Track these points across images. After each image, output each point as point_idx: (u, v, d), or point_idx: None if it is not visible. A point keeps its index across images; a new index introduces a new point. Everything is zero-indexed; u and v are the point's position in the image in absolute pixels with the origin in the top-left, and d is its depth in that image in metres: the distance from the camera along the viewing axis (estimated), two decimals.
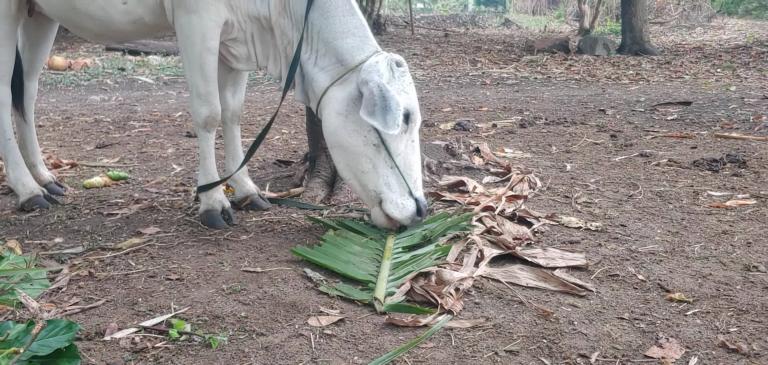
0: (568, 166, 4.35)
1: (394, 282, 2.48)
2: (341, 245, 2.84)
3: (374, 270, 2.62)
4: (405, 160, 2.91)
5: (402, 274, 2.53)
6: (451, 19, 27.05)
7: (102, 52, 13.15)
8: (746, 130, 5.43)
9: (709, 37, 17.88)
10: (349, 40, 2.93)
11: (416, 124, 2.93)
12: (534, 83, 9.73)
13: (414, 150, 2.95)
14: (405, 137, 2.90)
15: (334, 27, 2.93)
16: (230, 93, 3.45)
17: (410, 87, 2.91)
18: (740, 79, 9.50)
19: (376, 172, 2.90)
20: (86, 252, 2.86)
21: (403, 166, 2.90)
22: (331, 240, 2.88)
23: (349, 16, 2.96)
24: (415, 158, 2.95)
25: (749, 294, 2.36)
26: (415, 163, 2.95)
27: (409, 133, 2.91)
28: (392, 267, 2.62)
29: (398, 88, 2.83)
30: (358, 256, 2.74)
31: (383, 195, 2.91)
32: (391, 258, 2.71)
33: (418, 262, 2.63)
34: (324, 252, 2.75)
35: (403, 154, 2.90)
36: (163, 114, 7.10)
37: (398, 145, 2.88)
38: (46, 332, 1.82)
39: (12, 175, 3.57)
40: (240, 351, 2.00)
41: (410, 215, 2.91)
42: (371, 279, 2.52)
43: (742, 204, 3.40)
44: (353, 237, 2.95)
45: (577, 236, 2.97)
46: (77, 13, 3.22)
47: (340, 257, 2.71)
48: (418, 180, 2.95)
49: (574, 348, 2.01)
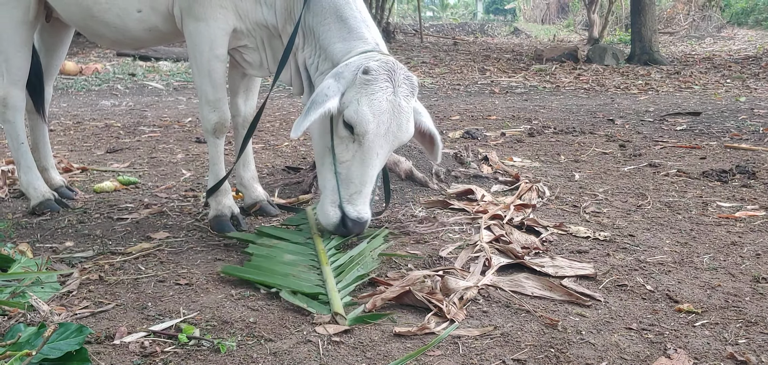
0: (576, 175, 4.35)
1: (345, 290, 2.41)
2: (272, 256, 2.73)
3: (317, 278, 2.52)
4: (347, 169, 2.78)
5: (351, 280, 2.48)
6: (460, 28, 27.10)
7: (113, 57, 13.24)
8: (756, 141, 5.41)
9: (719, 48, 17.83)
10: (341, 44, 2.87)
11: (367, 138, 2.71)
12: (543, 92, 9.73)
13: (362, 163, 2.76)
14: (352, 147, 2.75)
15: (329, 33, 2.90)
16: (242, 99, 3.48)
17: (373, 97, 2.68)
18: (750, 90, 9.46)
19: (323, 171, 2.90)
20: (96, 256, 2.88)
21: (344, 175, 2.79)
22: (259, 252, 2.77)
23: (341, 21, 2.88)
24: (359, 172, 2.77)
25: (758, 306, 2.35)
26: (359, 177, 2.77)
27: (359, 144, 2.74)
28: (335, 273, 2.55)
29: (351, 97, 2.69)
30: (293, 266, 2.62)
31: (321, 195, 2.92)
32: (328, 263, 2.63)
33: (361, 264, 2.60)
34: (257, 268, 2.60)
35: (347, 163, 2.78)
36: (173, 119, 7.14)
37: (343, 153, 2.78)
38: (57, 335, 1.84)
39: (24, 178, 3.60)
40: (248, 357, 2.01)
41: (330, 224, 2.83)
42: (320, 290, 2.41)
43: (751, 216, 3.39)
44: (280, 245, 2.87)
45: (586, 246, 2.97)
46: (95, 21, 3.26)
47: (276, 270, 2.58)
48: (355, 194, 2.79)
49: (581, 358, 2.01)
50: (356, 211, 2.80)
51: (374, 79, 2.68)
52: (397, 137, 2.80)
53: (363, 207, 2.82)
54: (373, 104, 2.68)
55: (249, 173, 3.52)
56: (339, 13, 2.89)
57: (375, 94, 2.68)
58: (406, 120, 2.80)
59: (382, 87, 2.70)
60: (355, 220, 2.80)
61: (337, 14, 2.89)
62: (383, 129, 2.73)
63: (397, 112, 2.75)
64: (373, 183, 2.85)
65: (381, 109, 2.69)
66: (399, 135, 2.79)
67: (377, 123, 2.70)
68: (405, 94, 2.77)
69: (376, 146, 2.74)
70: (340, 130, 2.76)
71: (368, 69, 2.68)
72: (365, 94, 2.67)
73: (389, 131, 2.75)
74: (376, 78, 2.69)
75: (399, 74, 2.75)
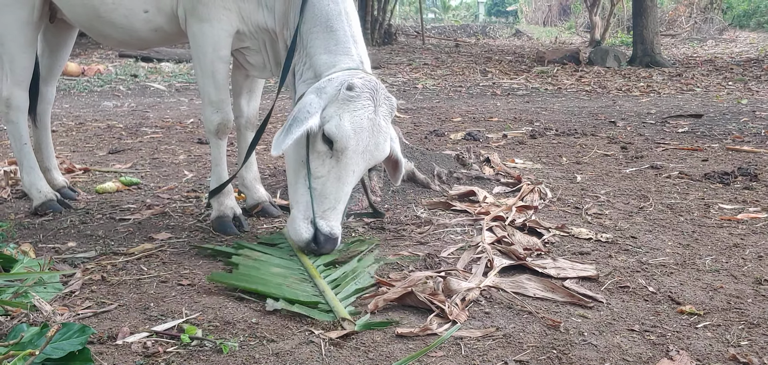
0: (578, 177, 4.35)
1: (346, 301, 2.40)
2: (258, 267, 2.68)
3: (313, 290, 2.49)
4: (322, 185, 2.72)
5: (351, 292, 2.46)
6: (461, 30, 27.11)
7: (115, 58, 13.26)
8: (758, 144, 5.41)
9: (721, 50, 17.83)
10: (325, 56, 2.84)
11: (346, 154, 2.68)
12: (544, 94, 9.73)
13: (338, 179, 2.71)
14: (328, 162, 2.70)
15: (315, 43, 2.87)
16: (245, 100, 3.49)
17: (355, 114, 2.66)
18: (752, 92, 9.46)
19: (295, 185, 2.80)
20: (99, 257, 2.88)
21: (319, 191, 2.72)
22: (244, 263, 2.71)
23: (329, 33, 2.85)
24: (335, 188, 2.72)
25: (760, 308, 2.35)
26: (334, 193, 2.73)
27: (336, 160, 2.69)
28: (331, 285, 2.52)
29: (333, 112, 2.65)
30: (285, 277, 2.59)
31: (292, 210, 2.83)
32: (321, 276, 2.59)
33: (358, 279, 2.55)
34: (246, 276, 2.57)
35: (322, 178, 2.72)
36: (175, 120, 7.15)
37: (319, 168, 2.72)
38: (59, 335, 1.85)
39: (26, 179, 3.61)
40: (251, 357, 2.01)
41: (302, 240, 2.75)
42: (318, 300, 2.39)
43: (753, 218, 3.39)
44: (262, 258, 2.80)
45: (588, 247, 2.97)
46: (101, 21, 3.27)
47: (268, 280, 2.54)
48: (329, 210, 2.73)
49: (583, 360, 2.01)
50: (329, 227, 2.73)
51: (357, 96, 2.67)
52: (373, 156, 2.77)
53: (336, 223, 2.76)
54: (355, 121, 2.66)
55: (251, 174, 3.53)
56: (329, 25, 2.87)
57: (357, 111, 2.67)
58: (384, 140, 2.79)
59: (364, 105, 2.68)
60: (327, 236, 2.73)
61: (327, 25, 2.87)
62: (362, 146, 2.70)
63: (376, 130, 2.73)
64: (346, 201, 2.82)
65: (362, 126, 2.68)
66: (375, 153, 2.78)
67: (357, 140, 2.68)
68: (384, 113, 2.76)
69: (353, 163, 2.71)
70: (318, 145, 2.70)
71: (352, 85, 2.66)
72: (347, 110, 2.66)
73: (367, 149, 2.72)
74: (359, 95, 2.67)
75: (380, 94, 2.73)
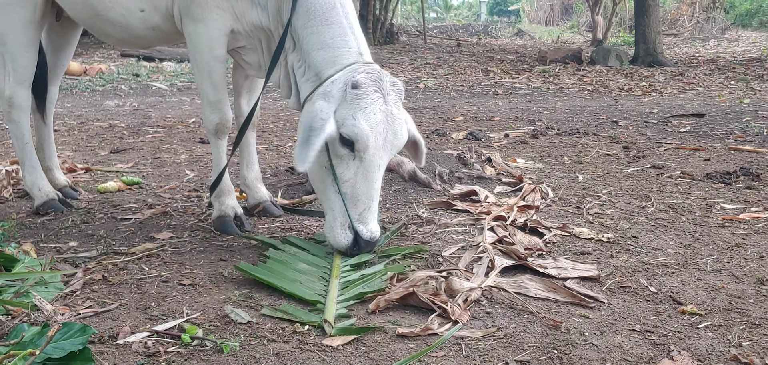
0: (580, 176, 4.34)
1: (344, 303, 2.39)
2: (287, 262, 2.71)
3: (322, 289, 2.50)
4: (352, 188, 2.70)
5: (352, 295, 2.45)
6: (463, 29, 27.10)
7: (117, 57, 13.28)
8: (760, 143, 5.40)
9: (723, 50, 17.81)
10: (323, 52, 2.81)
11: (368, 152, 2.66)
12: (546, 94, 9.72)
13: (366, 178, 2.69)
14: (353, 164, 2.69)
15: (311, 38, 2.84)
16: (245, 100, 3.49)
17: (367, 110, 2.64)
18: (754, 92, 9.45)
19: (325, 192, 2.78)
20: (100, 256, 2.89)
21: (350, 195, 2.70)
22: (275, 257, 2.75)
23: (325, 27, 2.82)
24: (365, 188, 2.70)
25: (762, 308, 2.35)
26: (365, 192, 2.71)
27: (360, 160, 2.68)
28: (341, 286, 2.52)
29: (345, 114, 2.63)
30: (304, 274, 2.62)
31: (327, 217, 2.81)
32: (339, 277, 2.60)
33: (368, 282, 2.54)
34: (269, 270, 2.60)
35: (350, 181, 2.70)
36: (176, 120, 7.16)
37: (344, 171, 2.70)
38: (60, 335, 1.85)
39: (28, 178, 3.61)
40: (251, 357, 2.01)
41: (343, 246, 2.74)
42: (319, 299, 2.40)
43: (755, 218, 3.38)
44: (299, 255, 2.82)
45: (589, 247, 2.97)
46: (100, 19, 3.27)
47: (286, 275, 2.57)
48: (365, 211, 2.72)
49: (584, 360, 2.01)
50: (369, 231, 2.73)
51: (364, 93, 2.65)
52: (394, 145, 2.76)
53: (374, 224, 2.75)
54: (369, 117, 2.64)
55: (252, 174, 3.52)
56: (325, 17, 2.84)
57: (368, 107, 2.64)
58: (400, 126, 2.77)
59: (374, 98, 2.66)
60: (368, 240, 2.74)
61: (323, 18, 2.84)
62: (381, 140, 2.69)
63: (391, 120, 2.71)
64: (378, 197, 2.80)
65: (376, 120, 2.66)
66: (395, 143, 2.76)
67: (375, 135, 2.66)
68: (394, 101, 2.74)
69: (377, 158, 2.70)
70: (339, 150, 2.68)
71: (356, 83, 2.64)
72: (358, 108, 2.63)
73: (387, 140, 2.71)
74: (366, 91, 2.65)
75: (386, 83, 2.71)
